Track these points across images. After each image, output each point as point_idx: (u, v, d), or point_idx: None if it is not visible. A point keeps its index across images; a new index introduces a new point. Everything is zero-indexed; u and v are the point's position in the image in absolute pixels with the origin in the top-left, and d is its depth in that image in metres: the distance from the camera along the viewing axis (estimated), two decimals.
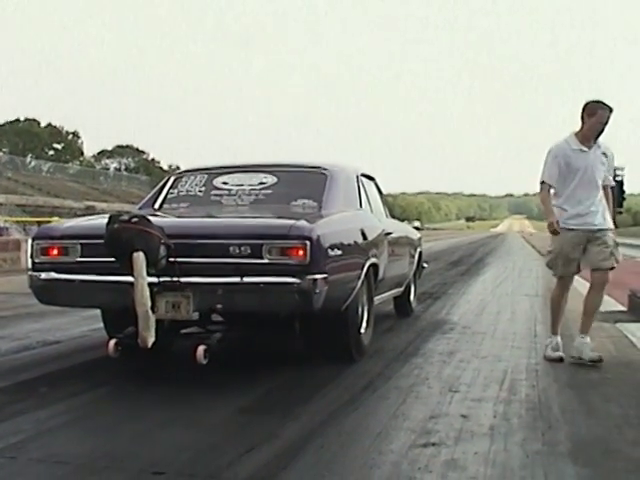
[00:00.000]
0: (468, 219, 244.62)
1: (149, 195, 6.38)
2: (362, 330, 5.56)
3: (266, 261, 4.55)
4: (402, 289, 7.66)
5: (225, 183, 6.08)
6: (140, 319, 4.43)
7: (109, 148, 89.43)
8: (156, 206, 6.04)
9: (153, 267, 4.50)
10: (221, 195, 6.00)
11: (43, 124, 78.99)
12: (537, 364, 5.35)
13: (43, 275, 4.97)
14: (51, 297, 5.13)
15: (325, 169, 6.08)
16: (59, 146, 79.44)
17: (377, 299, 6.19)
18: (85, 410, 4.16)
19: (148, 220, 4.60)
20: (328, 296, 4.67)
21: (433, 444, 3.42)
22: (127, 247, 4.44)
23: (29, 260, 5.17)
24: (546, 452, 3.33)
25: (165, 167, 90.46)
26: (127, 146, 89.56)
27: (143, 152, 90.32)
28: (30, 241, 5.19)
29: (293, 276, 4.51)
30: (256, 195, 5.90)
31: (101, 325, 7.15)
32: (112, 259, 4.59)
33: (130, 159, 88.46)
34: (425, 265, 9.39)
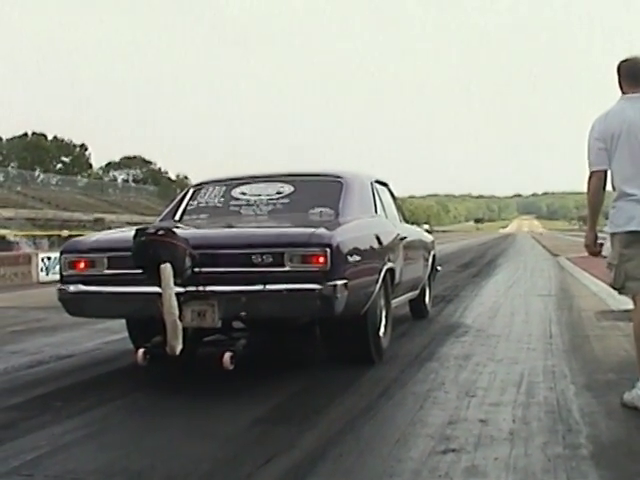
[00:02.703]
0: (477, 220, 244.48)
1: (169, 207, 6.50)
2: (381, 333, 5.70)
3: (288, 269, 4.67)
4: (417, 292, 7.76)
5: (243, 193, 6.22)
6: (168, 328, 4.57)
7: (116, 160, 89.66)
8: (177, 218, 6.17)
9: (179, 277, 4.63)
10: (240, 205, 6.13)
11: (50, 138, 79.26)
12: (554, 366, 5.30)
13: (72, 288, 5.12)
14: (80, 309, 5.27)
15: (340, 177, 6.21)
16: (67, 159, 79.59)
17: (394, 302, 6.29)
18: (100, 424, 4.14)
19: (174, 232, 4.73)
20: (348, 301, 4.79)
21: (453, 450, 3.38)
22: (154, 259, 4.59)
23: (58, 273, 5.36)
24: (568, 456, 3.28)
25: (173, 177, 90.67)
26: (134, 157, 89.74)
27: (150, 162, 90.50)
28: (59, 255, 5.37)
29: (315, 282, 4.63)
30: (274, 205, 6.04)
31: (114, 338, 7.19)
32: (139, 271, 4.72)
33: (138, 170, 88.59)
34: (439, 268, 9.43)
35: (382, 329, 5.74)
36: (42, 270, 19.90)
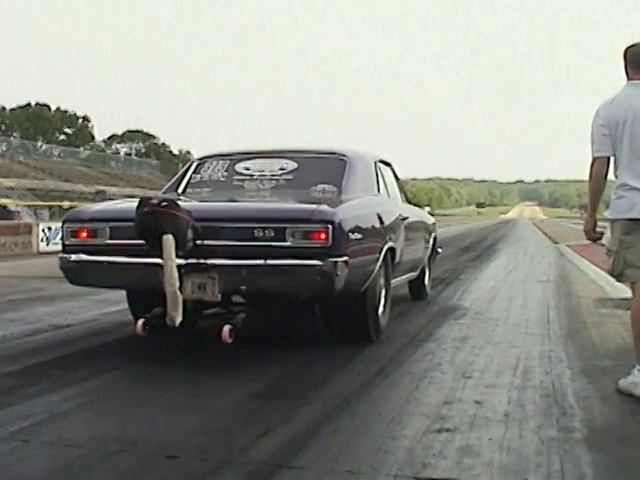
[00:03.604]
0: (478, 205, 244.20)
1: (173, 180, 6.50)
2: (380, 311, 5.72)
3: (289, 244, 4.68)
4: (417, 273, 7.79)
5: (247, 168, 6.22)
6: (169, 299, 4.58)
7: (119, 133, 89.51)
8: (180, 190, 6.17)
9: (181, 249, 4.64)
10: (243, 180, 6.14)
11: (53, 109, 79.05)
12: (551, 351, 5.30)
13: (73, 257, 5.14)
14: (81, 278, 5.29)
15: (344, 155, 6.21)
16: (70, 131, 79.55)
17: (394, 282, 6.31)
18: (97, 394, 4.15)
19: (177, 204, 4.72)
20: (348, 278, 4.80)
21: (447, 430, 3.40)
22: (157, 230, 4.59)
23: (60, 242, 5.38)
24: (561, 439, 3.29)
25: (175, 152, 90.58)
26: (137, 131, 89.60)
27: (153, 136, 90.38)
28: (61, 224, 5.40)
29: (315, 258, 4.64)
30: (277, 180, 6.04)
31: (112, 309, 7.22)
32: (141, 241, 4.72)
33: (140, 144, 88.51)
34: (439, 250, 9.48)
35: (381, 308, 5.76)
36: (42, 240, 19.93)
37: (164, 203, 4.68)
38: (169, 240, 4.57)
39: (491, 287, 9.87)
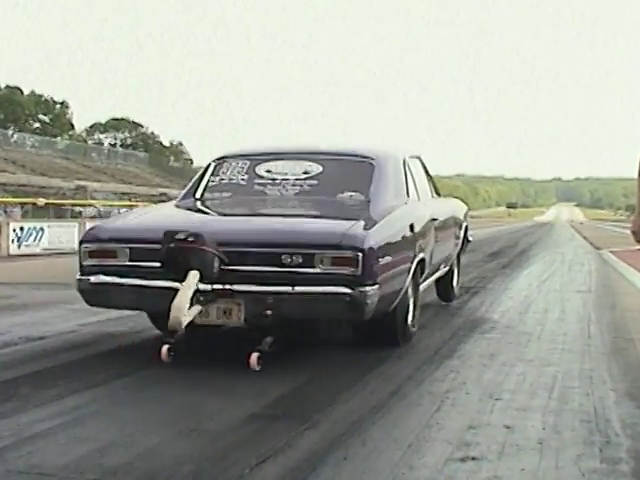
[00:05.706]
0: (509, 206, 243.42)
1: (190, 183, 6.78)
2: (409, 321, 6.04)
3: (318, 270, 4.98)
4: (447, 269, 8.17)
5: (268, 171, 6.48)
6: (171, 322, 4.94)
7: (102, 121, 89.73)
8: (197, 195, 6.47)
9: (207, 279, 5.01)
10: (264, 184, 6.41)
11: (27, 92, 79.17)
12: (591, 370, 5.28)
13: (92, 279, 5.40)
14: (101, 300, 5.59)
15: (371, 158, 6.47)
16: (46, 118, 79.69)
17: (422, 286, 6.64)
18: (73, 415, 4.13)
19: (203, 238, 5.01)
20: (378, 304, 5.11)
21: (473, 458, 3.37)
22: (184, 266, 4.99)
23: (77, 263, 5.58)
24: (605, 471, 3.26)
25: (166, 143, 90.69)
26: (123, 119, 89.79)
27: (141, 126, 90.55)
28: (78, 245, 5.66)
29: (345, 286, 4.94)
30: (301, 186, 6.31)
31: (92, 320, 7.23)
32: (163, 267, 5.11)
33: (126, 133, 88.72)
34: (470, 239, 9.95)
35: (410, 317, 6.05)
36: (13, 242, 19.95)
37: (190, 238, 4.98)
38: (195, 276, 4.97)
39: (523, 297, 9.83)
